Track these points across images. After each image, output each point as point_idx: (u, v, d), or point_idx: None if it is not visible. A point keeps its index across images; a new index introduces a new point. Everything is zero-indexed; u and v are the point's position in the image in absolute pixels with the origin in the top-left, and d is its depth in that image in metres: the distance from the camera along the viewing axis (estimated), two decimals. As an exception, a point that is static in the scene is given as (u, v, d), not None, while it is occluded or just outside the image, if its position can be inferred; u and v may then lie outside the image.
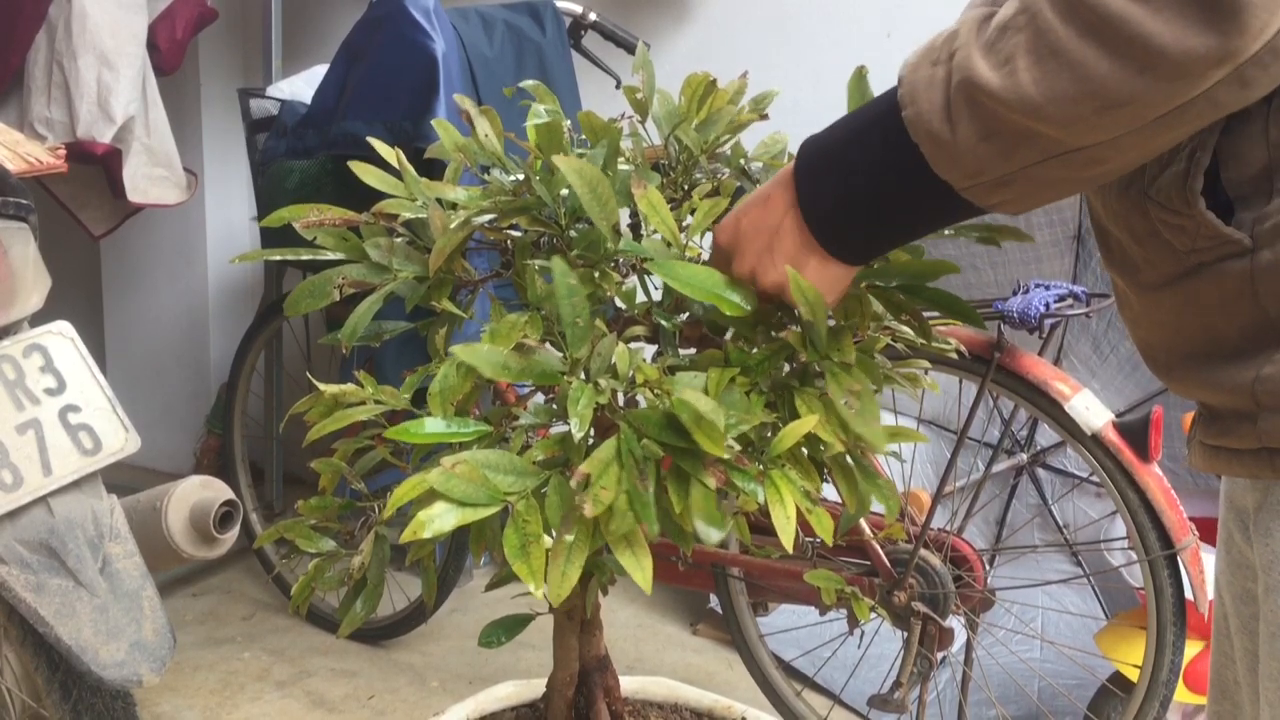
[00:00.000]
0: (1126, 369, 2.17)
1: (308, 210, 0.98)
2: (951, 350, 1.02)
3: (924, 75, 0.70)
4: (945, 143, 0.68)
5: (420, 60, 2.01)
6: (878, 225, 0.78)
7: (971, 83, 0.66)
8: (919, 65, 0.71)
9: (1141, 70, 0.60)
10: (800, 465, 0.84)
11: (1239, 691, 0.87)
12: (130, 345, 3.29)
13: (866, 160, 0.75)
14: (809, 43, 2.59)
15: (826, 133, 0.79)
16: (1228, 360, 0.73)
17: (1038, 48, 0.63)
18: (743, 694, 1.85)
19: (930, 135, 0.69)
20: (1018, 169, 0.67)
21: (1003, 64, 0.64)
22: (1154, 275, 0.77)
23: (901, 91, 0.71)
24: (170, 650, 1.20)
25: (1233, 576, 0.86)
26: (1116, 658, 1.87)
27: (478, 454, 0.78)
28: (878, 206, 0.76)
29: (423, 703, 2.23)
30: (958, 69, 0.67)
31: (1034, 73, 0.63)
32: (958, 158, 0.68)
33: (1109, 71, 0.61)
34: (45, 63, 2.36)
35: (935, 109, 0.68)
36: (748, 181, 1.04)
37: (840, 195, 0.77)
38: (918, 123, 0.69)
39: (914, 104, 0.70)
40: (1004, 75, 0.64)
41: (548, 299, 0.87)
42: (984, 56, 0.65)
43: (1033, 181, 0.68)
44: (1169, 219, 0.73)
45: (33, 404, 1.20)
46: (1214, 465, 0.78)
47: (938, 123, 0.68)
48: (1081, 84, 0.62)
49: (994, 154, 0.67)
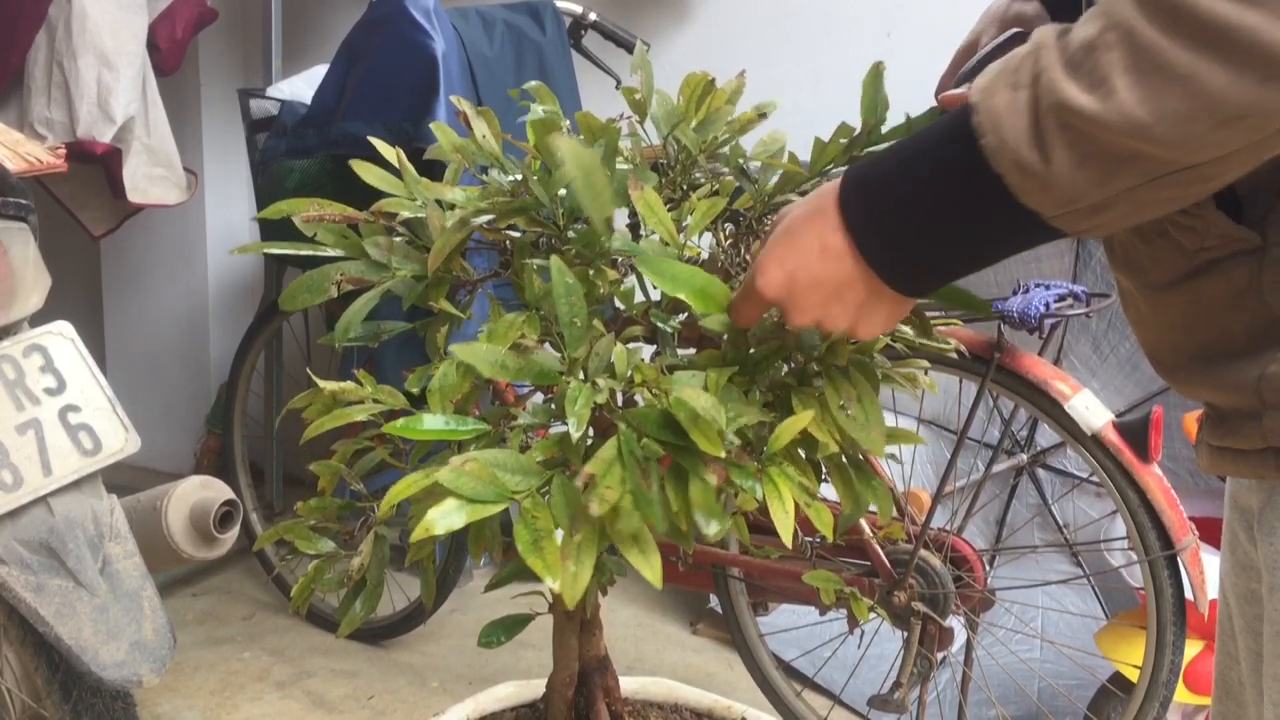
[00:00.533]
0: (1126, 369, 2.17)
1: (308, 205, 0.98)
2: (951, 350, 1.02)
3: (1003, 101, 0.65)
4: (1035, 172, 0.64)
5: (420, 60, 2.01)
6: (955, 261, 0.73)
7: (1064, 106, 0.61)
8: (995, 89, 0.66)
9: (1264, 79, 0.57)
10: (798, 464, 0.84)
11: (1243, 692, 0.87)
12: (130, 345, 3.30)
13: (937, 197, 0.70)
14: (809, 43, 2.59)
15: (878, 169, 0.74)
16: (1233, 360, 0.73)
17: (1138, 65, 0.59)
18: (743, 694, 1.85)
19: (1017, 164, 0.65)
20: (1118, 193, 0.63)
21: (1096, 85, 0.61)
22: (1162, 275, 0.76)
23: (978, 119, 0.66)
24: (170, 650, 1.20)
25: (1237, 577, 0.86)
26: (1116, 658, 1.87)
27: (486, 452, 0.78)
28: (955, 243, 0.72)
29: (423, 703, 2.23)
30: (1045, 93, 0.63)
31: (1137, 91, 0.59)
32: (1049, 186, 0.64)
33: (1227, 83, 0.57)
34: (45, 63, 2.36)
35: (1021, 137, 0.64)
36: (747, 181, 1.04)
37: (913, 241, 0.72)
38: (1001, 151, 0.65)
39: (995, 131, 0.65)
40: (1100, 96, 0.60)
41: (546, 298, 0.87)
42: (1072, 78, 0.62)
43: (1135, 204, 0.64)
44: (1178, 218, 0.72)
45: (33, 404, 1.20)
46: (1220, 466, 0.78)
47: (1026, 151, 0.64)
48: (1195, 99, 0.58)
49: (1092, 180, 0.63)
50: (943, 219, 0.71)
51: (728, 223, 1.03)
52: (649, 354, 0.91)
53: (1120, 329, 2.17)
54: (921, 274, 0.74)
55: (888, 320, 0.78)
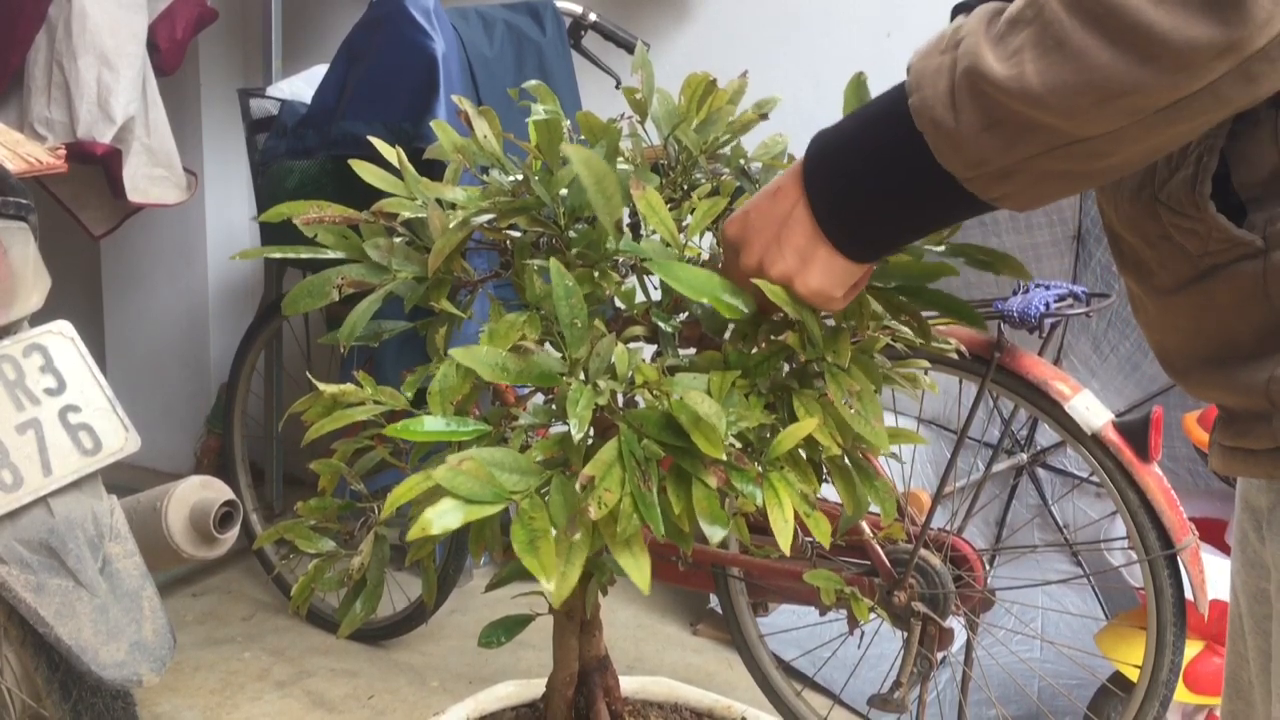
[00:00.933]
0: (1126, 369, 2.17)
1: (308, 207, 0.98)
2: (951, 350, 1.02)
3: (932, 64, 0.69)
4: (948, 130, 0.68)
5: (420, 60, 2.01)
6: (883, 219, 0.77)
7: (976, 71, 0.65)
8: (928, 54, 0.70)
9: (1143, 60, 0.60)
10: (799, 467, 0.84)
11: (1252, 691, 0.87)
12: (130, 345, 3.29)
13: (873, 151, 0.74)
14: (809, 43, 2.59)
15: (837, 125, 0.79)
16: (1243, 362, 0.73)
17: (1044, 39, 0.63)
18: (743, 694, 1.85)
19: (933, 122, 0.68)
20: (1020, 160, 0.67)
21: (1010, 56, 0.64)
22: (1168, 279, 0.76)
23: (909, 79, 0.71)
24: (170, 650, 1.20)
25: (1247, 576, 0.86)
26: (1116, 658, 1.87)
27: (483, 452, 0.78)
28: (883, 199, 0.75)
29: (423, 703, 2.23)
30: (963, 57, 0.67)
31: (1038, 64, 0.63)
32: (960, 146, 0.68)
33: (1110, 61, 0.60)
34: (45, 63, 2.36)
35: (940, 96, 0.68)
36: (748, 182, 1.04)
37: (846, 187, 0.76)
38: (922, 110, 0.69)
39: (919, 91, 0.69)
40: (1010, 66, 0.64)
41: (546, 299, 0.87)
42: (992, 48, 0.65)
43: (1036, 174, 0.68)
44: (1180, 223, 0.73)
45: (33, 404, 1.20)
46: (1232, 467, 0.78)
47: (941, 109, 0.68)
48: (1082, 74, 0.61)
49: (996, 144, 0.66)
50: (875, 176, 0.75)
51: (728, 223, 1.03)
52: (649, 354, 0.91)
53: (1120, 329, 2.17)
54: (849, 229, 0.78)
55: (823, 273, 0.79)
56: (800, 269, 0.80)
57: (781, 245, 0.80)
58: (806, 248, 0.79)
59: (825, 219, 0.78)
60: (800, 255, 0.79)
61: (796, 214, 0.79)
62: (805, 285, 0.80)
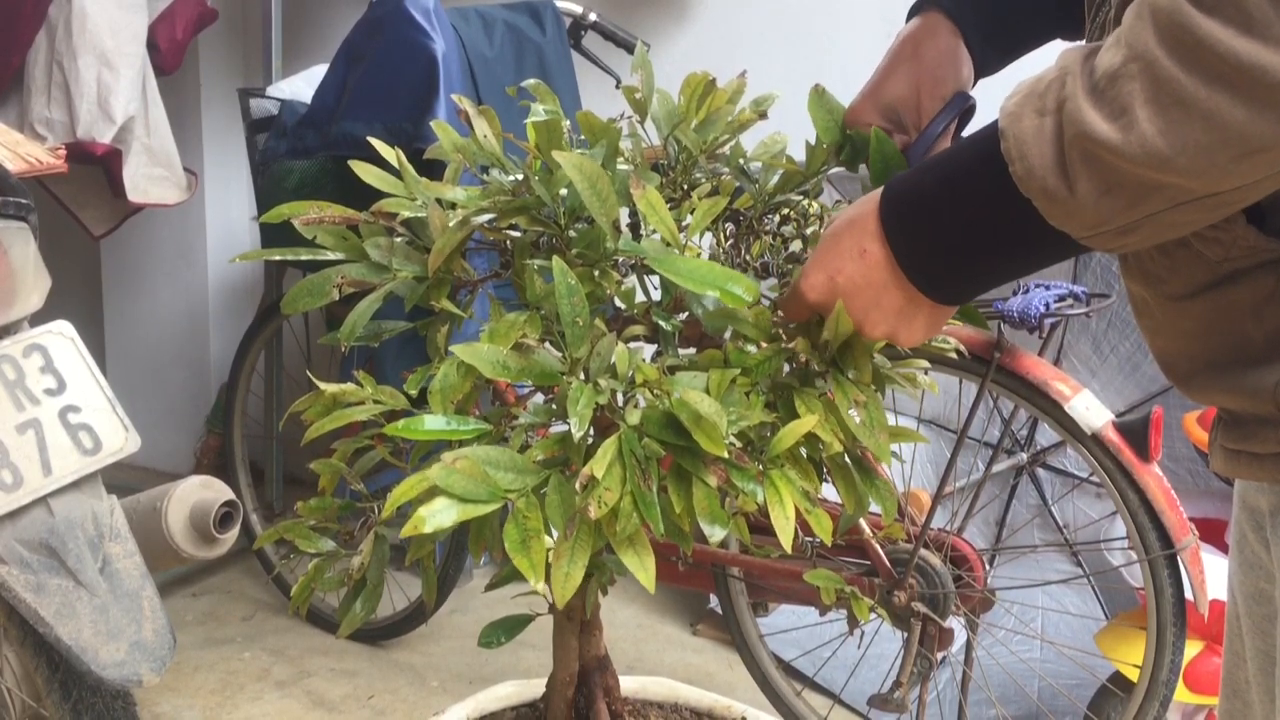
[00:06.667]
0: (1126, 369, 2.17)
1: (308, 207, 0.98)
2: (951, 350, 1.02)
3: (1030, 126, 0.66)
4: (1061, 199, 0.65)
5: (420, 60, 2.01)
6: (989, 276, 0.76)
7: (1087, 137, 0.62)
8: (1021, 114, 0.66)
9: None
10: (799, 466, 0.84)
11: (1249, 691, 0.87)
12: (130, 345, 3.29)
13: (974, 222, 0.72)
14: (809, 43, 2.59)
15: (916, 182, 0.77)
16: (1251, 366, 0.73)
17: (1159, 97, 0.59)
18: (743, 694, 1.85)
19: (1044, 192, 0.66)
20: (1143, 217, 0.64)
21: (1118, 115, 0.61)
22: (1181, 285, 0.75)
23: (1006, 145, 0.67)
24: (170, 650, 1.20)
25: (1245, 576, 0.86)
26: (1116, 658, 1.87)
27: (479, 450, 0.78)
28: (988, 259, 0.74)
29: (423, 703, 2.23)
30: (1069, 122, 0.63)
31: (1158, 123, 0.59)
32: (1076, 212, 0.65)
33: (1246, 120, 0.58)
34: (45, 63, 2.36)
35: (1048, 165, 0.65)
36: (747, 181, 1.04)
37: (947, 251, 0.75)
38: (1029, 180, 0.66)
39: (1023, 160, 0.66)
40: (1121, 127, 0.61)
41: (547, 298, 0.87)
42: (1094, 106, 0.62)
43: (1161, 225, 0.65)
44: (1204, 231, 0.71)
45: (33, 404, 1.20)
46: (1235, 469, 0.78)
47: (1053, 180, 0.65)
48: (1215, 133, 0.58)
49: (1117, 207, 0.64)
50: (979, 238, 0.73)
51: (728, 222, 1.04)
52: (649, 353, 0.91)
53: (1120, 329, 2.17)
54: (957, 285, 0.77)
55: (927, 326, 0.80)
56: (905, 327, 0.80)
57: (883, 310, 0.79)
58: (909, 309, 0.79)
59: (927, 284, 0.77)
60: (903, 316, 0.79)
61: (893, 281, 0.78)
62: (911, 338, 0.81)
